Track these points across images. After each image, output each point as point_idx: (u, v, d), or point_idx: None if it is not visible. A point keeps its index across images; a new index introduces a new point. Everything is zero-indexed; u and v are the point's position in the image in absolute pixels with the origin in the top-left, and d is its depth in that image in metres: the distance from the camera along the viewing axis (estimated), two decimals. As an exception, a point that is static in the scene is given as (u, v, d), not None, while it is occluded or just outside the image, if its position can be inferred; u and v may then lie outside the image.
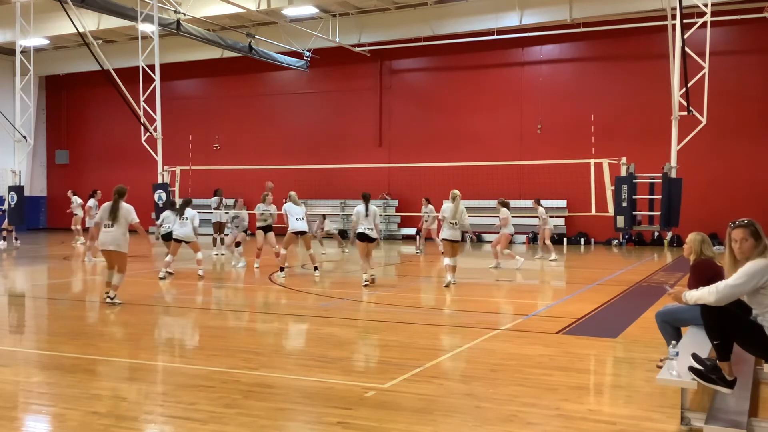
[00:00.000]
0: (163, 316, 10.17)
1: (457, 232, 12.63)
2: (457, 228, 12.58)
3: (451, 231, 12.55)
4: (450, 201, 12.63)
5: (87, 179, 31.04)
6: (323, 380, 6.22)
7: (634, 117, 23.33)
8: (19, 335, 8.82)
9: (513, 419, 5.12)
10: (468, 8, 23.20)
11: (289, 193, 14.21)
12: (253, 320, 9.75)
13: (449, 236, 12.57)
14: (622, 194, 14.01)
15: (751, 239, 4.84)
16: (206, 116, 30.12)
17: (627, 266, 17.02)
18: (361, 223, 12.43)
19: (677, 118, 14.43)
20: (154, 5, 19.09)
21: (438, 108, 26.43)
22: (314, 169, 24.45)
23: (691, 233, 6.63)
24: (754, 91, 22.50)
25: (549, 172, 21.77)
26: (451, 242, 12.61)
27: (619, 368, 6.99)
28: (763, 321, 4.81)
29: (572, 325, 8.90)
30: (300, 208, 14.02)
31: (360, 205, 12.54)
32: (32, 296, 12.29)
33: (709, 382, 4.78)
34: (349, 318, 9.83)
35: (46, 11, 22.53)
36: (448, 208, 12.61)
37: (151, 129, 18.92)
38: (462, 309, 10.64)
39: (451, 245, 12.63)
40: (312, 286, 12.88)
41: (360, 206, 12.50)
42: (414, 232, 26.01)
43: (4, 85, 28.82)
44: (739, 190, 22.17)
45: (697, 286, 5.26)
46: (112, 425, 4.98)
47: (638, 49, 23.35)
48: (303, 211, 13.99)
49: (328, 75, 27.94)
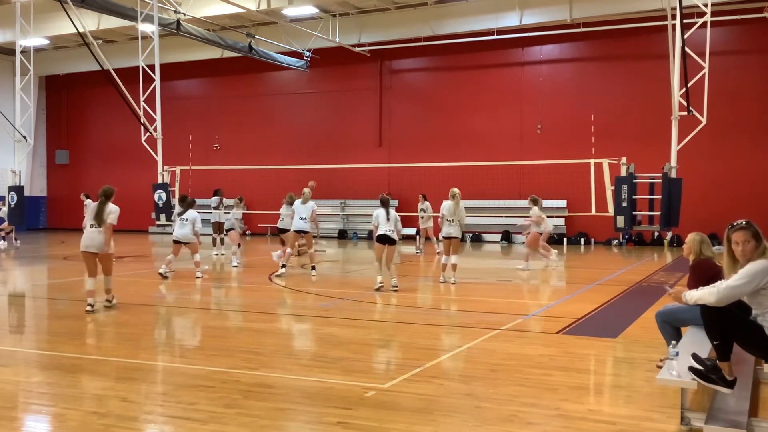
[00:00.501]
0: (163, 316, 10.18)
1: (455, 229, 12.81)
2: (455, 225, 12.78)
3: (450, 228, 12.80)
4: (450, 199, 12.79)
5: (87, 179, 31.05)
6: (323, 380, 6.22)
7: (634, 117, 23.33)
8: (19, 335, 8.82)
9: (513, 419, 5.12)
10: (468, 8, 23.20)
11: (303, 189, 14.22)
12: (253, 320, 9.75)
13: (447, 233, 12.84)
14: (622, 194, 13.99)
15: (753, 241, 4.84)
16: (206, 116, 30.12)
17: (627, 266, 17.03)
18: (381, 226, 12.13)
19: (677, 118, 14.42)
20: (154, 5, 19.08)
21: (438, 108, 26.43)
22: (314, 169, 24.43)
23: (691, 233, 6.64)
24: (754, 91, 22.50)
25: (549, 172, 21.76)
26: (449, 239, 12.83)
27: (619, 368, 6.99)
28: (763, 321, 4.81)
29: (572, 325, 8.90)
30: (306, 206, 13.92)
31: (379, 209, 12.22)
32: (32, 296, 12.29)
33: (709, 382, 4.78)
34: (349, 318, 9.83)
35: (46, 11, 22.53)
36: (447, 206, 12.81)
37: (151, 129, 18.91)
38: (462, 309, 10.64)
39: (449, 242, 12.84)
40: (312, 286, 12.88)
41: (379, 210, 12.18)
42: (414, 232, 26.04)
43: (4, 85, 28.81)
44: (739, 190, 22.17)
45: (697, 286, 5.26)
46: (112, 425, 4.98)
47: (638, 49, 23.34)
48: (309, 209, 13.90)
49: (328, 75, 27.94)
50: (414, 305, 11.01)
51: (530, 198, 15.80)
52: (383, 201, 12.35)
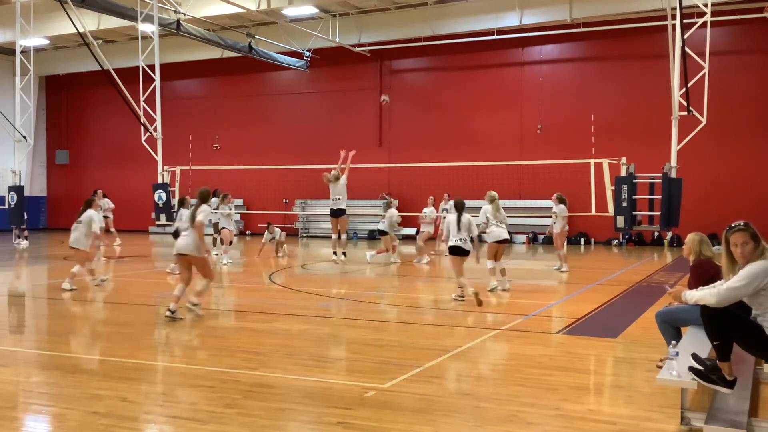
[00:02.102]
0: (163, 316, 10.16)
1: (504, 231, 12.11)
2: (503, 227, 12.11)
3: (499, 230, 12.03)
4: (488, 202, 12.12)
5: (87, 179, 31.06)
6: (323, 380, 6.22)
7: (634, 117, 23.33)
8: (19, 335, 8.81)
9: (513, 419, 5.12)
10: (468, 8, 23.20)
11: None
12: (253, 320, 9.74)
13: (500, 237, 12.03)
14: (622, 194, 13.99)
15: (752, 242, 4.85)
16: (206, 116, 30.12)
17: (627, 266, 17.02)
18: (453, 235, 10.69)
19: (677, 118, 14.42)
20: (154, 5, 19.09)
21: (438, 108, 26.43)
22: (314, 169, 24.42)
23: (691, 233, 6.64)
24: (754, 91, 22.50)
25: (549, 172, 21.75)
26: (500, 244, 12.08)
27: (619, 368, 6.99)
28: (763, 321, 4.82)
29: (572, 325, 8.90)
30: None
31: (449, 215, 10.93)
32: (32, 296, 12.29)
33: (709, 382, 4.78)
34: (349, 318, 9.83)
35: (46, 11, 22.53)
36: (489, 210, 12.04)
37: (151, 129, 18.92)
38: (462, 309, 10.63)
39: (500, 247, 12.12)
40: (312, 286, 12.87)
41: (450, 216, 10.82)
42: (414, 232, 26.03)
43: (4, 85, 28.82)
44: (739, 190, 22.17)
45: (697, 286, 5.26)
46: (112, 425, 4.98)
47: (638, 49, 23.34)
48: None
49: (328, 75, 27.93)
50: (414, 305, 11.01)
51: (557, 196, 15.36)
52: (457, 205, 10.82)
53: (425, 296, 12.19)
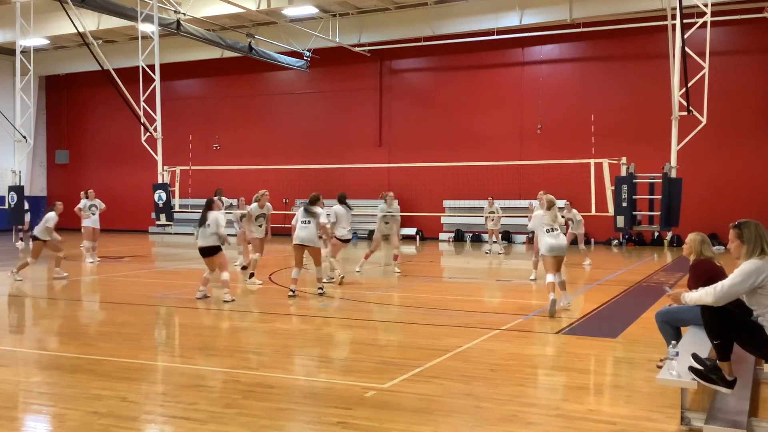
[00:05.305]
0: (163, 316, 10.17)
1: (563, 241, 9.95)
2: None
3: (556, 240, 9.78)
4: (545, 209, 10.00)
5: (87, 179, 31.01)
6: (323, 380, 6.22)
7: (634, 117, 23.32)
8: (19, 335, 8.82)
9: (513, 419, 5.12)
10: (468, 8, 23.19)
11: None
12: (253, 320, 9.75)
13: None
14: (622, 194, 13.99)
15: (737, 241, 4.98)
16: (206, 116, 30.11)
17: (627, 266, 17.02)
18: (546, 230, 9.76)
19: (677, 118, 14.41)
20: (154, 5, 19.07)
21: (438, 108, 26.42)
22: (314, 169, 24.43)
23: (691, 233, 6.64)
24: (754, 91, 22.49)
25: (549, 172, 21.73)
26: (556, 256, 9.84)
27: (619, 368, 6.99)
28: (763, 321, 4.82)
29: (572, 325, 8.90)
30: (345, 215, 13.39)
31: (538, 211, 10.12)
32: (32, 296, 12.29)
33: (709, 382, 4.79)
34: (349, 318, 9.83)
35: (46, 11, 22.52)
36: (543, 215, 9.96)
37: (151, 129, 18.90)
38: (462, 309, 10.63)
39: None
40: (312, 286, 12.85)
41: (539, 212, 10.05)
42: (414, 231, 26.06)
43: (4, 85, 28.80)
44: (739, 190, 22.16)
45: (697, 286, 5.27)
46: (112, 425, 4.98)
47: (638, 49, 23.34)
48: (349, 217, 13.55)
49: (328, 75, 27.93)
50: (414, 305, 11.01)
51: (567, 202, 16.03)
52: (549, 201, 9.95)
53: (425, 296, 12.18)
